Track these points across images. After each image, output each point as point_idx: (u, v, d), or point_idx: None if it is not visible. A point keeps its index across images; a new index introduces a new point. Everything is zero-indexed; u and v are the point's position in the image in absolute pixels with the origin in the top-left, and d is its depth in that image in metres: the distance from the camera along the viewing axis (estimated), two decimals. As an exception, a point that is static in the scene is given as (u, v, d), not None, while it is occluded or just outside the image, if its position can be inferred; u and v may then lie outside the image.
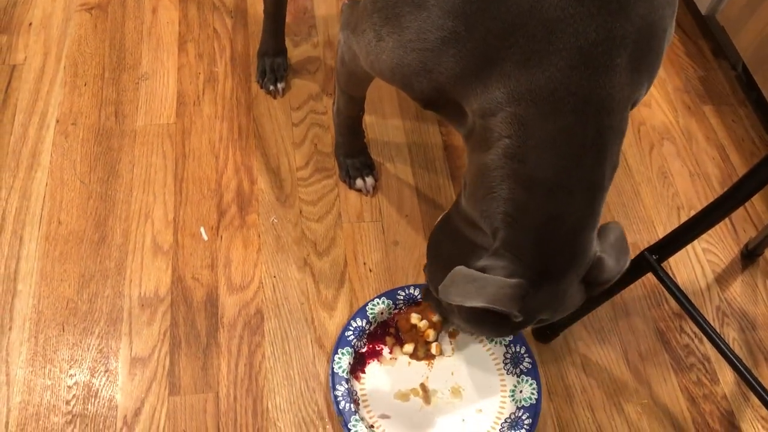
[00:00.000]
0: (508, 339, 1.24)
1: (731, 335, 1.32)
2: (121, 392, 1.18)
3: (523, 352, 1.21)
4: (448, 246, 1.01)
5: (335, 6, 1.77)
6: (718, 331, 1.26)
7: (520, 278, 0.88)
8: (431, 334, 1.23)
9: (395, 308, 1.26)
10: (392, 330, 1.24)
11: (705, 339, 1.29)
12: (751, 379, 1.05)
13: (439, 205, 1.44)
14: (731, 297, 1.37)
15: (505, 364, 1.22)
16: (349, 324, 1.23)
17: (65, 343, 1.22)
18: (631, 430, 1.21)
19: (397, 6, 0.91)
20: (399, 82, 0.98)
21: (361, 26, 1.02)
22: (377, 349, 1.23)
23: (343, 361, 1.19)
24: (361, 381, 1.20)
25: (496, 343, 1.24)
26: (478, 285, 0.88)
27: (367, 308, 1.24)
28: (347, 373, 1.18)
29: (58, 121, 1.50)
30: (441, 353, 1.23)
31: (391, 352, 1.23)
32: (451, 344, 1.24)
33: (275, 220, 1.39)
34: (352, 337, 1.22)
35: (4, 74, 1.57)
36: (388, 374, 1.21)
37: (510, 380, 1.21)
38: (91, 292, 1.28)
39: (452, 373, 1.21)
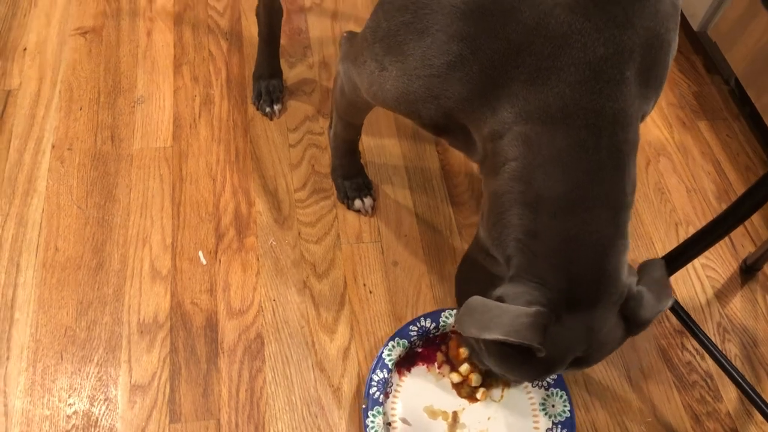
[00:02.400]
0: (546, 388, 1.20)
1: (733, 351, 1.32)
2: (122, 421, 1.17)
3: None
4: (469, 281, 0.97)
5: (330, 27, 1.77)
6: (719, 347, 1.26)
7: (542, 305, 0.82)
8: (474, 378, 1.19)
9: None
10: (444, 348, 1.22)
11: (707, 356, 1.29)
12: (754, 395, 1.05)
13: (437, 225, 1.44)
14: (731, 313, 1.37)
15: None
16: (417, 320, 1.22)
17: (64, 371, 1.21)
18: (635, 450, 1.20)
19: (399, 34, 0.90)
20: (405, 110, 0.97)
21: (361, 57, 1.01)
22: (432, 355, 1.22)
23: (395, 351, 1.19)
24: (402, 378, 1.19)
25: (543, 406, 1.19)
26: (493, 314, 0.82)
27: (441, 314, 1.23)
28: (393, 364, 1.18)
29: (53, 147, 1.49)
30: (487, 398, 1.19)
31: (439, 368, 1.21)
32: (502, 391, 1.20)
33: (274, 243, 1.39)
34: (415, 333, 1.21)
35: (0, 100, 1.57)
36: (430, 385, 1.19)
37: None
38: (90, 319, 1.27)
39: (489, 418, 1.18)
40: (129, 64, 1.65)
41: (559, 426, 1.15)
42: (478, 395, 1.18)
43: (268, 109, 1.57)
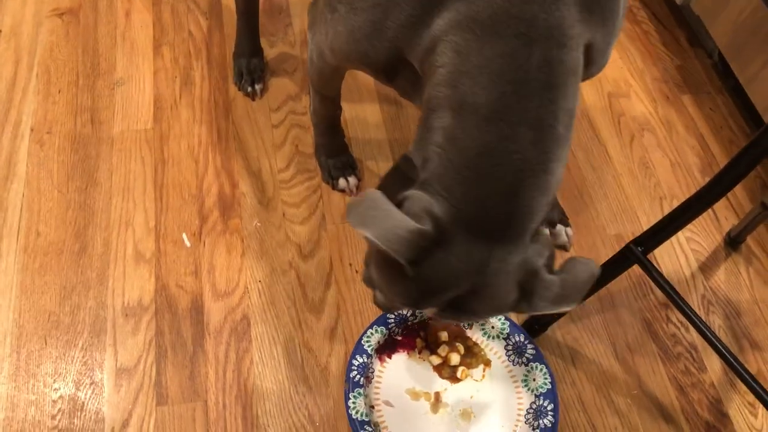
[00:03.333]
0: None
1: (717, 323, 1.33)
2: (108, 404, 1.16)
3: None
4: (386, 187, 0.88)
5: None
6: (703, 319, 1.27)
7: (437, 221, 0.77)
8: (453, 358, 1.19)
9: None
10: (423, 334, 1.23)
11: (691, 328, 1.30)
12: (737, 365, 1.06)
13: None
14: (715, 285, 1.38)
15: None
16: None
17: (48, 356, 1.20)
18: (621, 422, 1.21)
19: None
20: (356, 55, 0.96)
21: (321, 15, 1.03)
22: (411, 342, 1.22)
23: (373, 338, 1.19)
24: (384, 364, 1.19)
25: (525, 384, 1.19)
26: (378, 213, 0.77)
27: None
28: (373, 350, 1.18)
29: (32, 130, 1.47)
30: (468, 377, 1.20)
31: (419, 354, 1.22)
32: (483, 371, 1.21)
33: (258, 224, 1.38)
34: (392, 321, 1.21)
35: (-25, 84, 1.54)
36: (411, 369, 1.20)
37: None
38: (73, 303, 1.26)
39: (471, 397, 1.18)
40: (107, 45, 1.63)
41: (542, 398, 1.16)
42: (459, 374, 1.19)
43: (249, 89, 1.55)
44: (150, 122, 1.50)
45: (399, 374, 1.19)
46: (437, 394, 1.18)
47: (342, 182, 1.42)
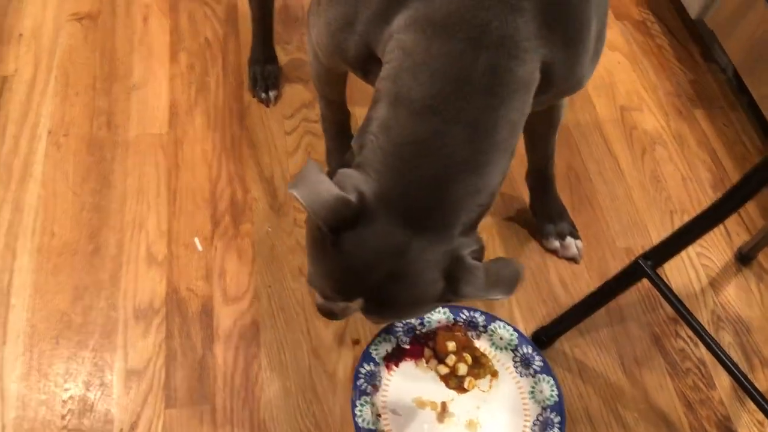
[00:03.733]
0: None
1: (726, 339, 1.32)
2: (117, 406, 1.17)
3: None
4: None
5: (327, 13, 1.77)
6: (713, 335, 1.26)
7: (361, 195, 0.79)
8: (460, 367, 1.20)
9: (454, 322, 1.24)
10: (431, 344, 1.23)
11: (700, 343, 1.29)
12: (746, 383, 1.05)
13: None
14: (726, 301, 1.38)
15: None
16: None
17: (60, 356, 1.21)
18: (628, 436, 1.21)
19: None
20: (333, 48, 0.98)
21: (311, 13, 1.07)
22: (419, 351, 1.22)
23: (381, 346, 1.20)
24: (391, 372, 1.20)
25: (532, 395, 1.19)
26: (311, 180, 0.80)
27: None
28: (380, 359, 1.19)
29: (50, 132, 1.49)
30: (475, 387, 1.20)
31: (427, 363, 1.22)
32: (490, 381, 1.21)
33: (269, 229, 1.39)
34: (400, 330, 1.22)
35: (-5, 85, 1.56)
36: (418, 378, 1.20)
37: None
38: (85, 304, 1.27)
39: (478, 407, 1.18)
40: (125, 50, 1.65)
41: (549, 410, 1.16)
42: (466, 385, 1.19)
43: (263, 95, 1.56)
44: (165, 127, 1.52)
45: (406, 383, 1.20)
46: (444, 404, 1.18)
47: (353, 190, 1.43)
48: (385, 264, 0.82)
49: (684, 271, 1.41)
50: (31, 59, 1.61)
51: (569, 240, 1.38)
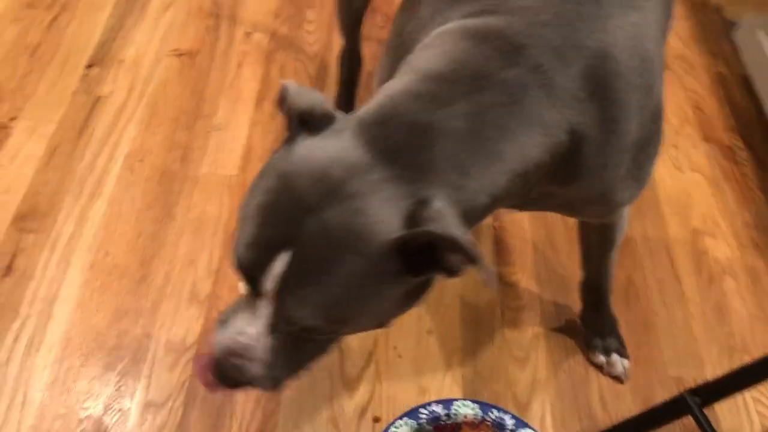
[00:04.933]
0: None
1: (771, 498, 1.22)
2: (129, 435, 1.17)
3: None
4: None
5: (412, 87, 1.80)
6: (757, 491, 1.17)
7: (345, 116, 0.77)
8: None
9: (481, 419, 1.20)
10: None
11: (742, 497, 1.20)
12: None
13: (480, 302, 1.41)
14: (777, 456, 1.27)
15: None
16: (429, 404, 1.19)
17: (86, 374, 1.22)
18: None
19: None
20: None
21: (376, 75, 1.13)
22: None
23: (401, 429, 1.16)
24: None
25: None
26: (307, 89, 0.79)
27: (454, 402, 1.20)
28: None
29: (126, 156, 1.55)
30: None
31: None
32: None
33: (314, 288, 1.38)
34: (424, 417, 1.18)
35: (89, 104, 1.64)
36: None
37: None
38: (122, 328, 1.28)
39: None
40: (214, 90, 1.71)
41: None
42: None
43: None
44: (236, 169, 1.56)
45: (421, 472, 1.15)
46: None
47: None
48: (333, 178, 0.70)
49: (737, 416, 1.31)
50: (126, 85, 1.69)
51: (615, 357, 1.32)
